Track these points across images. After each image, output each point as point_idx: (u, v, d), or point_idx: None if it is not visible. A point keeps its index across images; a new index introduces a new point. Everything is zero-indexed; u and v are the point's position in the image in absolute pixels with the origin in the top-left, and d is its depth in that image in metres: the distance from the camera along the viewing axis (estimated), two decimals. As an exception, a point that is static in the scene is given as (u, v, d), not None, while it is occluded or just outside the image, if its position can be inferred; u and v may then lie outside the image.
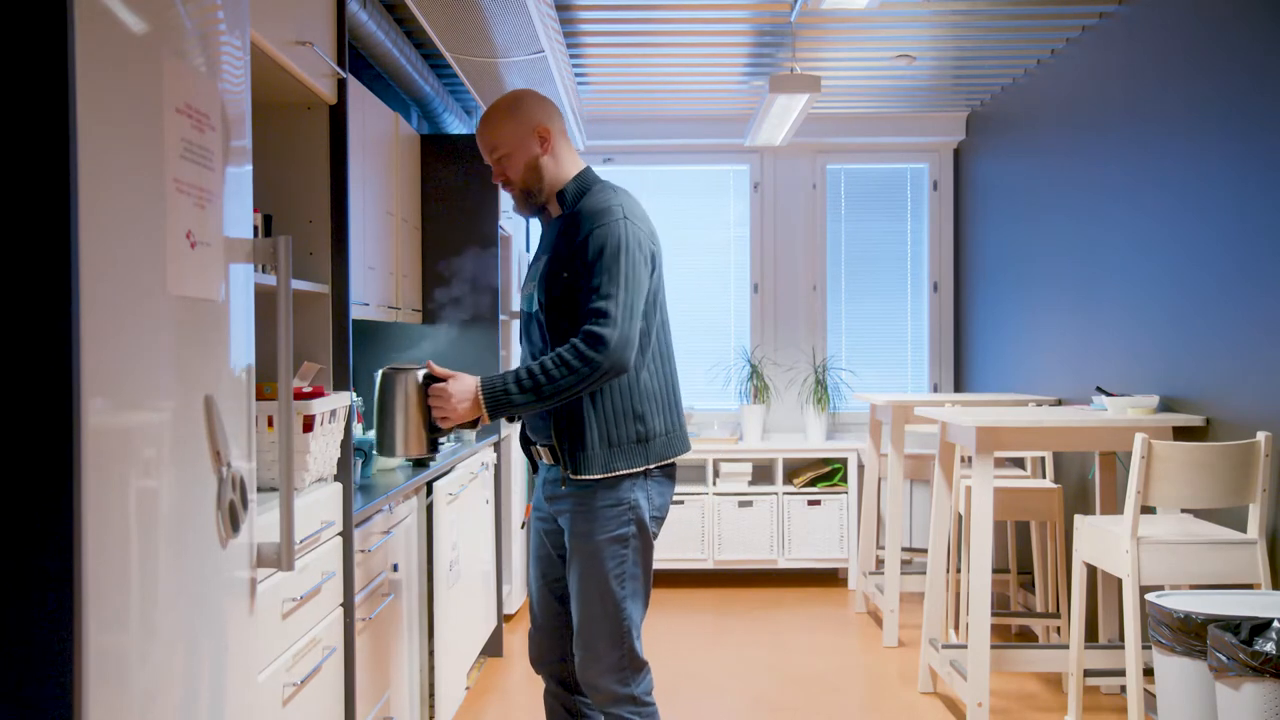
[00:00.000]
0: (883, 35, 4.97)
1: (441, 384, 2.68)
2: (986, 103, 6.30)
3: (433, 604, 3.68)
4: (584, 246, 2.66)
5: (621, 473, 2.69)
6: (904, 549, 5.92)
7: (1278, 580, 3.43)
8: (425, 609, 3.66)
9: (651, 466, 2.74)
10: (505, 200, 5.28)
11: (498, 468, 5.11)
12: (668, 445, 2.77)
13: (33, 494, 1.34)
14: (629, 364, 2.63)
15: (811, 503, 6.33)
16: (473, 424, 2.70)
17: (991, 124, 6.25)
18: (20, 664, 1.34)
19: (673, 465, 2.82)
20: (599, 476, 2.69)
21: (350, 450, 2.85)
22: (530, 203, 2.83)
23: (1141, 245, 4.33)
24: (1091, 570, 4.40)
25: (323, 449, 2.67)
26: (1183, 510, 3.79)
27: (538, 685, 4.56)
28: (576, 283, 2.68)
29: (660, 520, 2.80)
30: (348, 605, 2.74)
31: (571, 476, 2.71)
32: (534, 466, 2.95)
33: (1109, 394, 4.21)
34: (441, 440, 2.75)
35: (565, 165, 2.81)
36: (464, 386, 2.66)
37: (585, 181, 2.81)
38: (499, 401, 2.63)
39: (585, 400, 2.68)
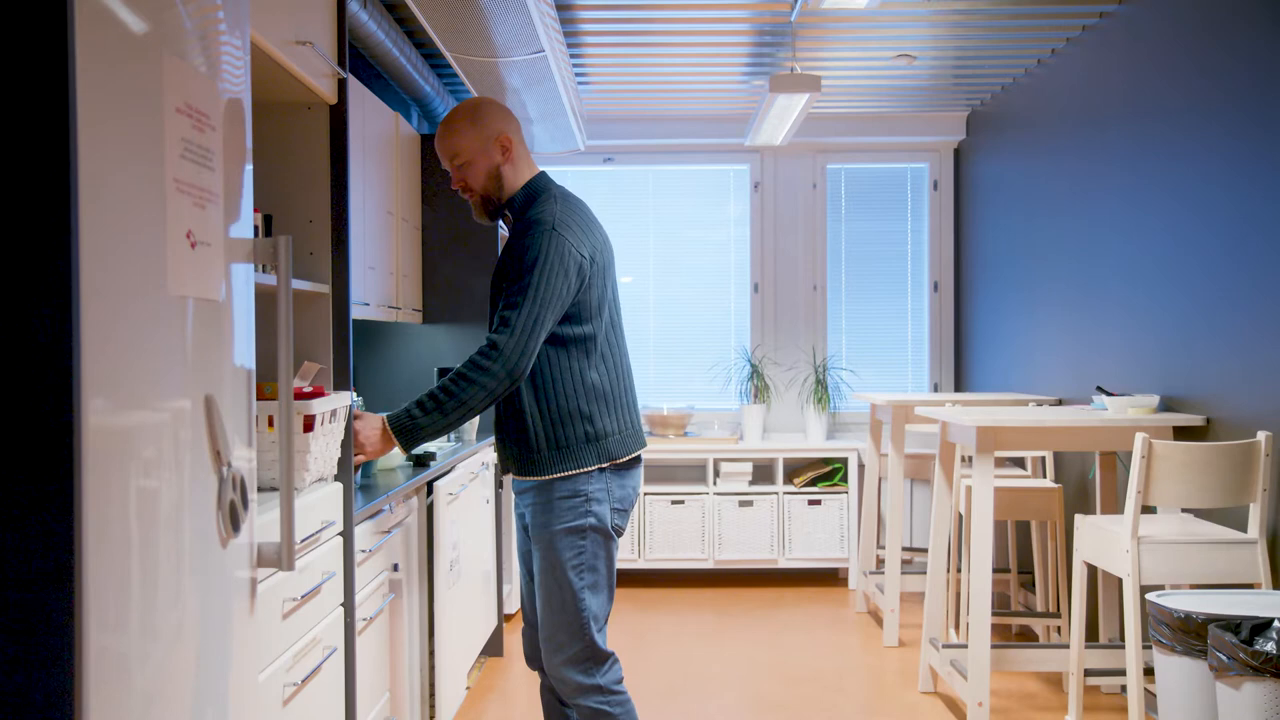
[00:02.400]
0: (883, 35, 4.97)
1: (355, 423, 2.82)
2: (986, 103, 6.30)
3: (433, 604, 3.68)
4: (519, 248, 2.76)
5: (573, 471, 2.77)
6: (904, 549, 5.92)
7: (1278, 580, 3.43)
8: (425, 609, 3.66)
9: (605, 465, 2.80)
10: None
11: (498, 467, 5.11)
12: (620, 444, 2.83)
13: (33, 494, 1.34)
14: (525, 372, 2.71)
15: (812, 502, 6.33)
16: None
17: (991, 124, 6.25)
18: (20, 664, 1.34)
19: (634, 458, 2.89)
20: (547, 478, 2.78)
21: (351, 450, 2.85)
22: (489, 210, 2.89)
23: (1141, 245, 4.33)
24: (1092, 570, 4.40)
25: (323, 449, 2.67)
26: (1183, 510, 3.79)
27: (537, 684, 4.56)
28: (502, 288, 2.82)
29: (623, 512, 2.85)
30: (348, 605, 2.74)
31: (515, 476, 2.84)
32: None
33: (1109, 394, 4.21)
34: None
35: (521, 173, 2.89)
36: (369, 424, 2.80)
37: (533, 190, 2.87)
38: (406, 429, 2.73)
39: (529, 402, 2.78)
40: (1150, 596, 3.09)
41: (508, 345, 2.68)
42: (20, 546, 1.34)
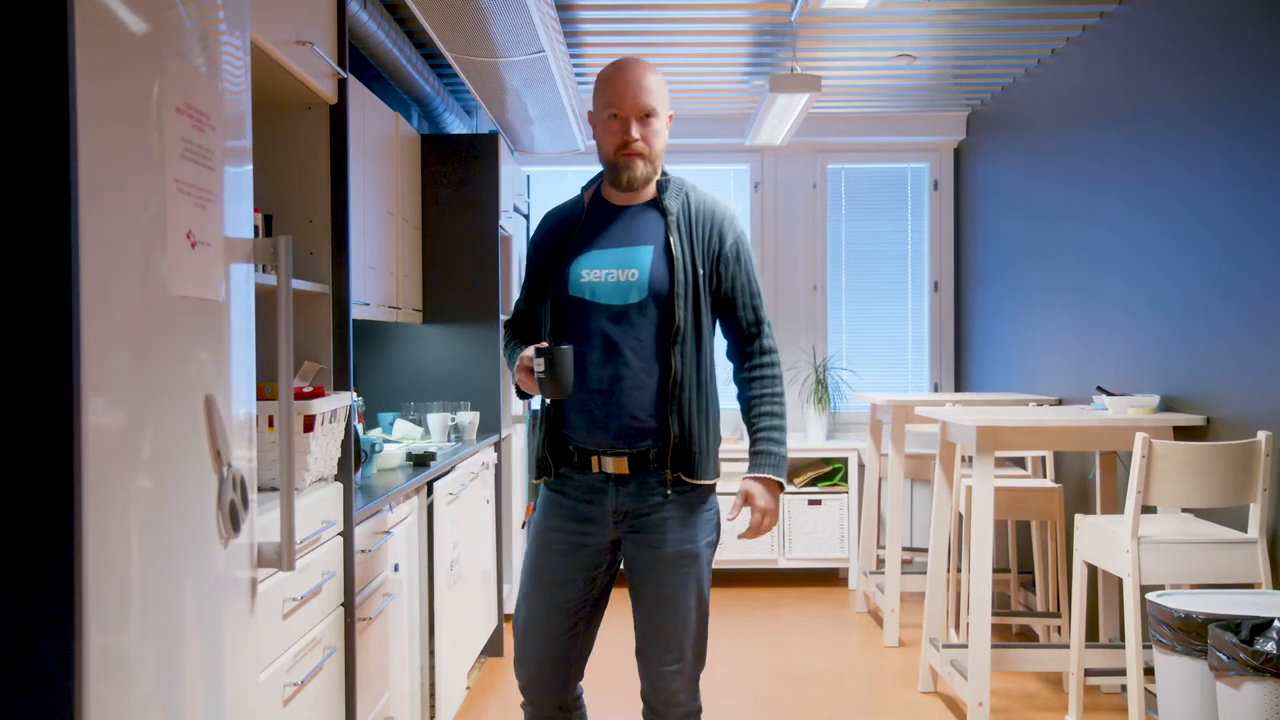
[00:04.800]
0: (883, 35, 4.97)
1: (757, 521, 2.59)
2: (986, 103, 6.30)
3: (433, 604, 3.68)
4: (735, 249, 2.63)
5: (718, 479, 2.66)
6: (904, 549, 5.92)
7: (1278, 580, 3.43)
8: (425, 609, 3.66)
9: None
10: (505, 200, 5.27)
11: (498, 468, 5.11)
12: None
13: (33, 494, 1.34)
14: None
15: (812, 502, 6.33)
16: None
17: (991, 124, 6.25)
18: (20, 664, 1.34)
19: None
20: (710, 481, 2.62)
21: (351, 450, 2.85)
22: (644, 176, 2.60)
23: (1141, 245, 4.33)
24: (1092, 570, 4.39)
25: (323, 449, 2.67)
26: (1183, 510, 3.79)
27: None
28: (710, 281, 2.61)
29: None
30: (348, 605, 2.74)
31: (688, 480, 2.56)
32: (545, 471, 2.65)
33: (1109, 393, 4.21)
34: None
35: None
36: (756, 489, 2.59)
37: (676, 177, 2.70)
38: (778, 464, 2.60)
39: (709, 405, 2.61)
40: (1150, 596, 3.09)
41: (772, 338, 2.67)
42: (20, 546, 1.34)
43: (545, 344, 2.49)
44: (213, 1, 1.75)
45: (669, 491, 2.56)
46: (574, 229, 2.65)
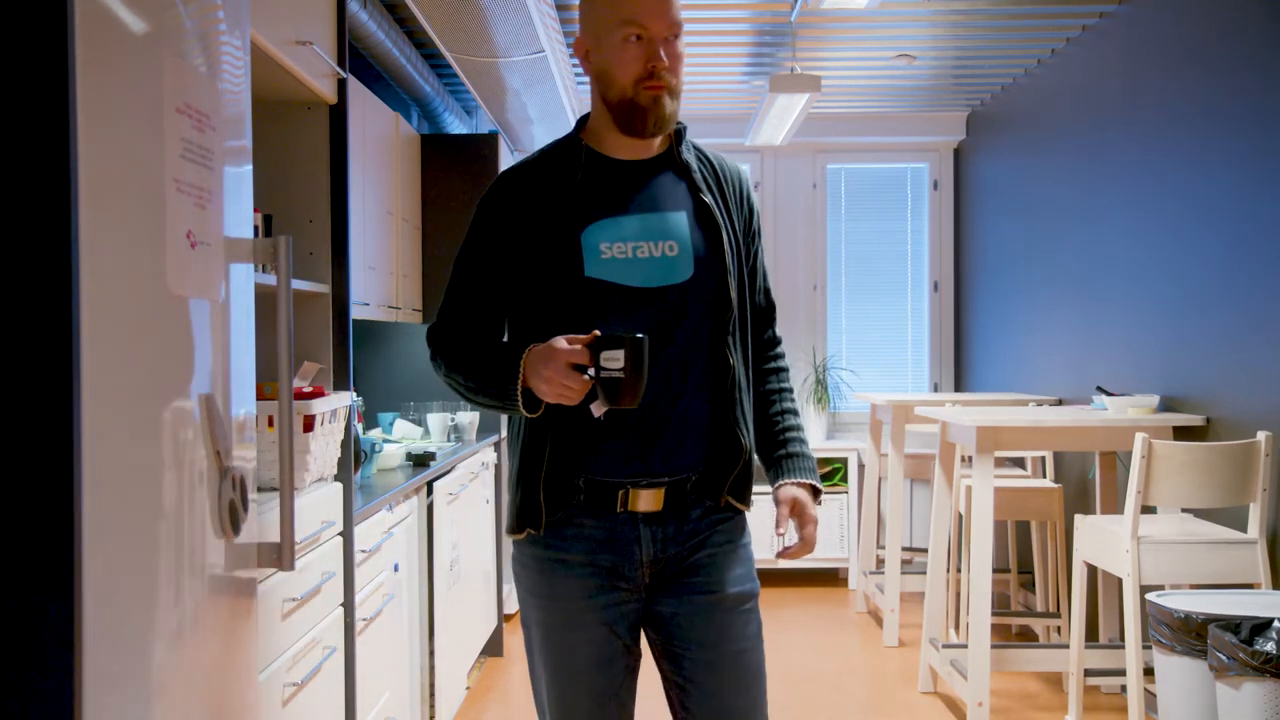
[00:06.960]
0: (883, 35, 4.97)
1: (810, 534, 2.07)
2: (986, 103, 6.30)
3: (433, 604, 3.68)
4: (758, 217, 2.16)
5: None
6: (904, 549, 5.92)
7: (1278, 580, 3.43)
8: (425, 609, 3.66)
9: None
10: (505, 200, 5.26)
11: (498, 467, 5.11)
12: None
13: (33, 494, 1.34)
14: None
15: (812, 502, 6.32)
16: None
17: (991, 124, 6.25)
18: (20, 665, 1.34)
19: None
20: (747, 509, 2.13)
21: (351, 450, 2.85)
22: (671, 116, 2.04)
23: (1142, 245, 4.33)
24: (1092, 570, 4.39)
25: (323, 449, 2.67)
26: (1183, 510, 3.79)
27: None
28: (737, 252, 2.07)
29: None
30: (348, 605, 2.74)
31: (738, 504, 2.06)
32: (531, 522, 1.95)
33: (1109, 394, 4.21)
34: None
35: None
36: (803, 496, 2.06)
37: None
38: (815, 468, 2.11)
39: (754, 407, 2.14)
40: (1150, 596, 3.09)
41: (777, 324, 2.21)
42: (20, 547, 1.34)
43: (613, 333, 1.80)
44: (213, 1, 1.75)
45: (723, 511, 2.05)
46: (570, 191, 1.99)
